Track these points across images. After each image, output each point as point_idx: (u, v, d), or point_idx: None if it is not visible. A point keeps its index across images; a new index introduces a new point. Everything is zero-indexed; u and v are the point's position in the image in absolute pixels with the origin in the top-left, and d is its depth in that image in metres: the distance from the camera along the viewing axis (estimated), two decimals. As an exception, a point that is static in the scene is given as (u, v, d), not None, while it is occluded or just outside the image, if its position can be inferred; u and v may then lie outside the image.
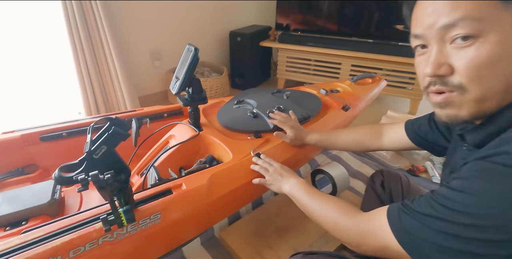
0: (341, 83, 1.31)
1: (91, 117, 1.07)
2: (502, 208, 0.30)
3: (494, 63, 0.34)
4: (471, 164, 0.35)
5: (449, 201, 0.35)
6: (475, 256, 0.32)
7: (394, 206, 0.42)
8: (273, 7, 2.12)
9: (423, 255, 0.36)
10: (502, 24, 0.34)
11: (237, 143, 0.86)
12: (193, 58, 0.73)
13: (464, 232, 0.32)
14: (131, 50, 1.79)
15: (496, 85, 0.35)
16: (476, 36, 0.34)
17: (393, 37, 1.82)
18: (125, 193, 0.56)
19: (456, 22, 0.35)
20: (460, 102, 0.38)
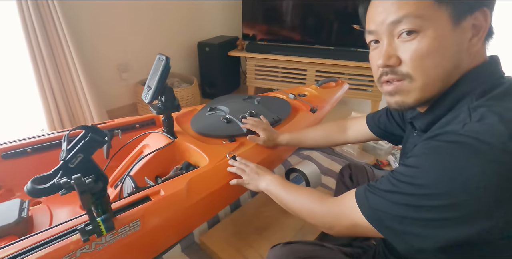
0: (307, 88, 1.39)
1: (57, 132, 1.03)
2: (447, 177, 0.35)
3: (433, 55, 0.40)
4: (421, 144, 0.41)
5: (404, 176, 0.40)
6: (430, 222, 0.37)
7: (361, 188, 0.47)
8: (239, 18, 2.20)
9: (387, 227, 0.41)
10: (438, 21, 0.40)
11: (212, 147, 0.88)
12: (165, 67, 0.75)
13: (418, 201, 0.37)
14: (96, 62, 1.75)
15: (436, 73, 0.42)
16: (417, 31, 0.40)
17: (352, 44, 1.97)
18: (103, 202, 0.56)
19: (401, 18, 0.41)
20: (408, 90, 0.44)
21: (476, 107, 0.39)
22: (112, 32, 1.77)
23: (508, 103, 0.38)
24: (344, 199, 0.49)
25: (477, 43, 0.41)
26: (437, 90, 0.43)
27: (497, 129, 0.34)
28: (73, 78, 1.59)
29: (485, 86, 0.40)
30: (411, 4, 0.40)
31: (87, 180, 0.42)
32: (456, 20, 0.40)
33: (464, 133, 0.36)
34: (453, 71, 0.42)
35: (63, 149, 0.48)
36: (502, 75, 0.42)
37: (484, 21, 0.40)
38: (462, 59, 0.41)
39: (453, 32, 0.40)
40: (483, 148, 0.34)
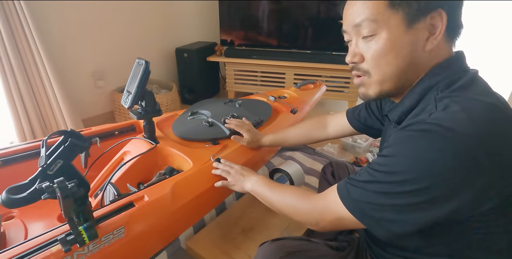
0: (287, 90, 1.42)
1: (29, 142, 0.98)
2: (416, 163, 0.38)
3: (386, 54, 0.45)
4: (394, 134, 0.44)
5: (380, 166, 0.42)
6: (405, 207, 0.39)
7: (342, 182, 0.49)
8: (217, 24, 2.22)
9: (368, 216, 0.43)
10: (391, 25, 0.44)
11: (196, 151, 0.88)
12: (145, 71, 0.75)
13: (393, 188, 0.40)
14: (70, 69, 1.69)
15: (391, 71, 0.46)
16: (374, 33, 0.45)
17: (327, 47, 2.04)
18: (84, 209, 0.54)
19: (361, 22, 0.46)
20: (369, 84, 0.49)
21: (441, 98, 0.42)
22: (85, 39, 1.72)
23: (468, 94, 0.41)
24: (327, 194, 0.51)
25: (433, 42, 0.44)
26: (395, 85, 0.48)
27: (459, 117, 0.38)
28: (45, 86, 1.52)
29: (449, 79, 0.44)
30: (369, 9, 0.45)
31: (70, 184, 0.41)
32: (409, 22, 0.44)
33: (430, 121, 0.39)
34: (409, 68, 0.46)
35: (41, 155, 0.46)
36: (465, 68, 0.46)
37: (440, 21, 0.43)
38: (418, 57, 0.45)
39: (407, 33, 0.44)
40: (446, 134, 0.37)
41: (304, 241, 0.60)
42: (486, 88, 0.44)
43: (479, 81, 0.45)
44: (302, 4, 2.00)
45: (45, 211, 0.89)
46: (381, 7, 0.44)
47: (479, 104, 0.40)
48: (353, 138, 1.52)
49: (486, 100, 0.40)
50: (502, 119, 0.40)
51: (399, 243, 0.51)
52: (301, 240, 0.60)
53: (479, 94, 0.41)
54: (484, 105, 0.40)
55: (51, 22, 1.54)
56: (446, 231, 0.43)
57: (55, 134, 0.52)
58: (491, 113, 0.39)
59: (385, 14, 0.44)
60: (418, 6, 0.42)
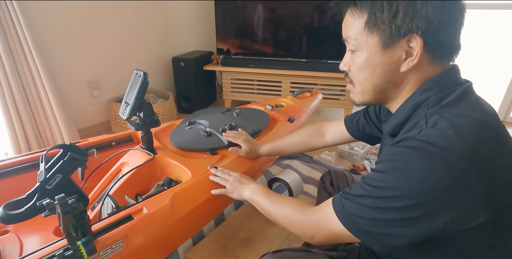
0: (284, 99, 1.43)
1: (25, 154, 0.97)
2: (407, 180, 0.39)
3: (363, 70, 0.49)
4: (386, 149, 0.45)
5: (373, 181, 0.43)
6: (397, 221, 0.40)
7: (337, 196, 0.49)
8: (213, 33, 2.24)
9: (362, 230, 0.44)
10: (369, 45, 0.47)
11: (194, 161, 0.88)
12: (143, 82, 0.75)
13: (386, 203, 0.41)
14: (66, 79, 1.69)
15: (368, 85, 0.51)
16: (356, 50, 0.49)
17: (322, 56, 2.07)
18: (83, 224, 0.53)
19: (346, 38, 0.51)
20: (354, 92, 0.54)
21: (431, 114, 0.43)
22: (82, 48, 1.72)
23: (458, 109, 0.43)
24: (322, 208, 0.51)
25: (409, 64, 0.45)
26: (375, 97, 0.52)
27: (447, 134, 0.39)
28: (40, 96, 1.51)
29: (440, 95, 0.45)
30: (351, 28, 0.49)
31: (70, 200, 0.40)
32: (384, 45, 0.46)
33: (420, 138, 0.40)
34: (385, 85, 0.49)
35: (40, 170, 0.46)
36: (457, 82, 0.47)
37: (416, 45, 0.44)
38: (395, 76, 0.48)
39: (382, 54, 0.47)
40: (434, 151, 0.38)
41: (305, 252, 0.60)
42: (476, 102, 0.45)
43: (470, 95, 0.45)
44: (297, 13, 2.04)
45: (41, 225, 0.87)
46: (360, 29, 0.47)
47: (467, 120, 0.41)
48: (350, 146, 1.53)
49: (475, 115, 0.41)
50: (490, 135, 0.41)
51: (399, 255, 0.51)
52: (302, 251, 0.60)
53: (468, 109, 0.42)
54: (473, 121, 0.41)
55: (47, 32, 1.54)
56: (441, 244, 0.43)
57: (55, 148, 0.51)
58: (479, 130, 0.40)
59: (363, 35, 0.47)
60: (391, 31, 0.44)
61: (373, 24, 0.46)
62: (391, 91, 0.50)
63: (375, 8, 0.45)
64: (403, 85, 0.49)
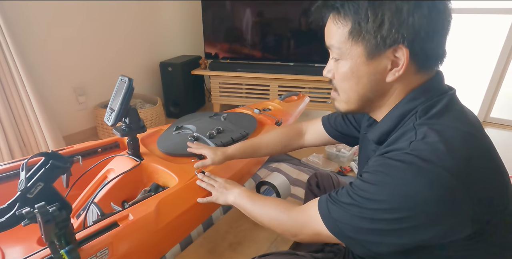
0: (271, 102, 1.45)
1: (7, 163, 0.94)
2: (397, 194, 0.40)
3: (347, 80, 0.48)
4: (374, 159, 0.45)
5: (361, 191, 0.43)
6: (384, 231, 0.41)
7: (323, 198, 0.50)
8: (201, 38, 2.25)
9: (347, 236, 0.45)
10: (353, 55, 0.46)
11: (181, 167, 0.88)
12: (128, 88, 0.75)
13: (373, 214, 0.41)
14: (50, 86, 1.66)
15: (352, 94, 0.50)
16: (340, 58, 0.48)
17: (310, 60, 2.11)
18: (66, 232, 0.53)
19: (329, 46, 0.49)
20: (339, 100, 0.53)
21: (420, 125, 0.43)
22: (67, 54, 1.70)
23: (446, 121, 0.43)
24: (307, 209, 0.52)
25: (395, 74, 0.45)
26: (360, 106, 0.51)
27: (437, 148, 0.39)
28: (24, 103, 1.48)
29: (426, 104, 0.45)
30: (334, 37, 0.48)
31: (51, 208, 0.40)
32: (370, 55, 0.45)
33: (410, 152, 0.41)
34: (371, 94, 0.48)
35: (21, 178, 0.45)
36: (442, 91, 0.46)
37: (402, 55, 0.43)
38: (380, 86, 0.47)
39: (366, 64, 0.46)
40: (424, 166, 0.39)
41: (291, 255, 0.61)
42: (462, 112, 0.45)
43: (456, 104, 0.46)
44: (285, 17, 2.07)
45: (24, 235, 0.85)
46: (344, 38, 0.46)
47: (456, 133, 0.41)
48: (337, 148, 1.55)
49: (463, 128, 0.42)
50: (478, 149, 0.42)
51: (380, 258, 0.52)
52: (288, 255, 0.61)
53: (456, 121, 0.43)
54: (462, 135, 0.41)
55: (29, 37, 1.52)
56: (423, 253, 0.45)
57: (36, 156, 0.51)
58: (468, 144, 0.41)
59: (347, 44, 0.46)
60: (376, 42, 0.43)
61: (357, 34, 0.44)
62: (376, 100, 0.49)
63: (360, 18, 0.43)
64: (388, 94, 0.48)
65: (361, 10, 0.43)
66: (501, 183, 0.43)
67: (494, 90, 2.07)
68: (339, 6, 0.45)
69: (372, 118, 0.55)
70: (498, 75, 2.01)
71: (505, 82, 2.03)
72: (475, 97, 2.15)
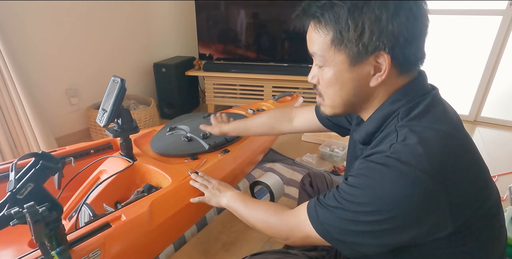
0: (265, 103, 1.46)
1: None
2: (378, 197, 0.41)
3: (332, 86, 0.49)
4: (358, 162, 0.46)
5: (345, 194, 0.45)
6: (368, 233, 0.43)
7: (311, 202, 0.51)
8: (195, 39, 2.25)
9: (334, 238, 0.46)
10: (336, 62, 0.47)
11: (174, 167, 0.88)
12: (120, 89, 0.75)
13: (358, 217, 0.43)
14: (42, 87, 1.64)
15: (337, 100, 0.51)
16: (323, 65, 0.49)
17: (304, 60, 2.12)
18: (57, 233, 0.52)
19: (312, 54, 0.50)
20: (324, 105, 0.54)
21: (401, 127, 0.45)
22: (59, 55, 1.69)
23: (426, 122, 0.44)
24: (297, 213, 0.53)
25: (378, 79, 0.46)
26: (345, 110, 0.52)
27: (416, 150, 0.40)
28: (15, 104, 1.47)
29: (408, 105, 0.46)
30: (316, 44, 0.48)
31: (41, 208, 0.40)
32: (352, 62, 0.46)
33: (390, 155, 0.42)
34: (355, 99, 0.49)
35: (10, 179, 0.45)
36: (425, 91, 0.47)
37: (384, 61, 0.44)
38: (364, 91, 0.48)
39: (350, 71, 0.46)
40: (404, 169, 0.40)
41: (283, 254, 0.61)
42: (443, 111, 0.46)
43: (438, 104, 0.47)
44: (279, 18, 2.08)
45: (15, 237, 0.84)
46: (326, 46, 0.47)
47: (436, 134, 0.42)
48: (331, 148, 1.56)
49: (443, 128, 0.43)
50: (457, 149, 0.43)
51: None
52: (280, 253, 0.61)
53: (436, 122, 0.44)
54: (441, 135, 0.42)
55: (21, 37, 1.50)
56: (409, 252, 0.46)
57: (25, 156, 0.51)
58: (447, 144, 0.42)
59: (330, 52, 0.47)
60: (358, 49, 0.44)
61: (339, 43, 0.45)
62: (361, 104, 0.51)
63: (340, 27, 0.44)
64: (372, 97, 0.49)
65: (342, 20, 0.43)
66: (481, 181, 0.44)
67: (485, 90, 2.10)
68: (319, 15, 0.45)
69: (360, 117, 0.56)
70: (488, 75, 2.05)
71: (495, 81, 2.07)
72: (466, 97, 2.18)
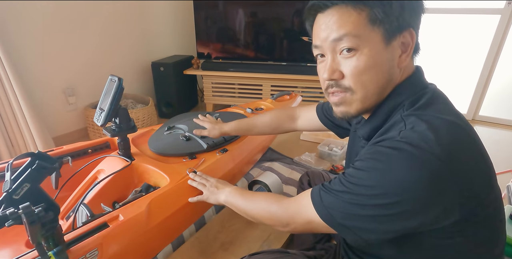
0: (263, 102, 1.46)
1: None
2: (387, 179, 0.40)
3: (369, 71, 0.45)
4: (367, 148, 0.46)
5: (352, 178, 0.44)
6: (374, 217, 0.42)
7: (316, 188, 0.50)
8: (193, 38, 2.24)
9: (338, 223, 0.45)
10: (372, 41, 0.44)
11: (172, 167, 0.87)
12: (118, 88, 0.74)
13: (364, 200, 0.42)
14: (39, 86, 1.63)
15: (373, 87, 0.47)
16: (356, 49, 0.45)
17: (302, 59, 2.11)
18: (54, 233, 0.52)
19: (342, 37, 0.45)
20: (351, 101, 0.48)
21: (407, 115, 0.45)
22: (56, 54, 1.67)
23: (432, 112, 0.44)
24: (299, 199, 0.52)
25: (405, 59, 0.47)
26: (373, 102, 0.49)
27: (426, 135, 0.40)
28: (11, 104, 1.45)
29: (412, 98, 0.46)
30: (349, 24, 0.44)
31: (37, 209, 0.40)
32: (387, 39, 0.45)
33: (400, 139, 0.41)
34: (387, 84, 0.48)
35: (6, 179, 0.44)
36: (425, 85, 0.49)
37: (411, 39, 0.46)
38: (394, 73, 0.47)
39: (385, 50, 0.45)
40: (414, 152, 0.39)
41: (282, 253, 0.61)
42: (446, 104, 0.47)
43: (440, 97, 0.47)
44: (277, 17, 2.07)
45: (11, 237, 0.83)
46: (362, 23, 0.44)
47: (443, 122, 0.42)
48: (329, 147, 1.56)
49: (449, 118, 0.43)
50: (464, 137, 0.43)
51: (372, 251, 0.53)
52: (279, 253, 0.61)
53: (441, 112, 0.44)
54: (448, 124, 0.42)
55: (18, 36, 1.49)
56: (413, 241, 0.45)
57: (22, 156, 0.50)
58: (455, 132, 0.42)
59: (366, 30, 0.44)
60: (398, 23, 0.44)
61: (376, 19, 0.44)
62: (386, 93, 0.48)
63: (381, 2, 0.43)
64: (392, 85, 0.48)
65: None
66: (485, 171, 0.43)
67: (483, 89, 2.11)
68: None
69: (361, 115, 0.55)
70: (486, 74, 2.05)
71: (493, 80, 2.08)
72: (464, 95, 2.19)
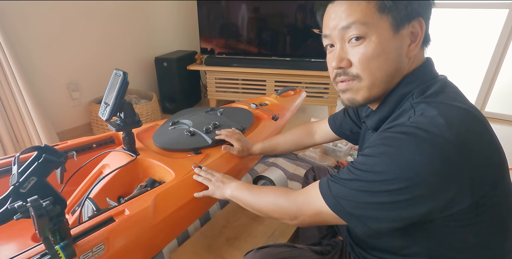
0: (268, 97, 1.44)
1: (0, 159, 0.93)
2: (397, 164, 0.39)
3: (377, 58, 0.46)
4: (376, 135, 0.46)
5: (361, 165, 0.43)
6: (383, 204, 0.41)
7: (324, 178, 0.50)
8: (196, 33, 2.22)
9: (347, 213, 0.44)
10: (381, 29, 0.45)
11: (177, 161, 0.87)
12: (123, 82, 0.74)
13: (374, 187, 0.41)
14: (43, 81, 1.63)
15: (380, 75, 0.47)
16: (364, 37, 0.46)
17: (306, 55, 2.10)
18: (61, 227, 0.52)
19: (350, 24, 0.46)
20: (358, 88, 0.49)
21: (417, 103, 0.44)
22: (60, 49, 1.67)
23: (442, 99, 0.44)
24: (307, 190, 0.52)
25: (414, 48, 0.47)
26: (381, 90, 0.49)
27: (437, 121, 0.40)
28: (16, 99, 1.46)
29: (422, 87, 0.46)
30: (358, 12, 0.45)
31: (45, 202, 0.39)
32: (396, 28, 0.45)
33: (410, 124, 0.41)
34: (395, 73, 0.48)
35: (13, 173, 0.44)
36: (435, 75, 0.49)
37: (420, 29, 0.46)
38: (402, 62, 0.47)
39: (394, 38, 0.45)
40: (425, 136, 0.39)
41: (289, 247, 0.61)
42: (457, 93, 0.46)
43: (450, 87, 0.47)
44: (281, 12, 2.05)
45: (18, 231, 0.84)
46: (371, 10, 0.45)
47: (454, 108, 0.42)
48: (334, 143, 1.55)
49: (459, 105, 0.43)
50: (476, 123, 0.42)
51: (380, 244, 0.53)
52: (286, 247, 0.61)
53: (451, 100, 0.43)
54: (459, 110, 0.42)
55: (22, 32, 1.48)
56: (422, 230, 0.45)
57: (28, 150, 0.50)
58: (466, 118, 0.41)
59: (375, 18, 0.45)
60: (406, 12, 0.44)
61: (385, 6, 0.44)
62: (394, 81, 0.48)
63: None
64: (401, 74, 0.48)
65: None
66: (498, 159, 0.42)
67: (489, 85, 2.08)
68: None
69: (370, 108, 0.55)
70: (493, 69, 2.02)
71: (500, 76, 2.05)
72: (470, 91, 2.16)
